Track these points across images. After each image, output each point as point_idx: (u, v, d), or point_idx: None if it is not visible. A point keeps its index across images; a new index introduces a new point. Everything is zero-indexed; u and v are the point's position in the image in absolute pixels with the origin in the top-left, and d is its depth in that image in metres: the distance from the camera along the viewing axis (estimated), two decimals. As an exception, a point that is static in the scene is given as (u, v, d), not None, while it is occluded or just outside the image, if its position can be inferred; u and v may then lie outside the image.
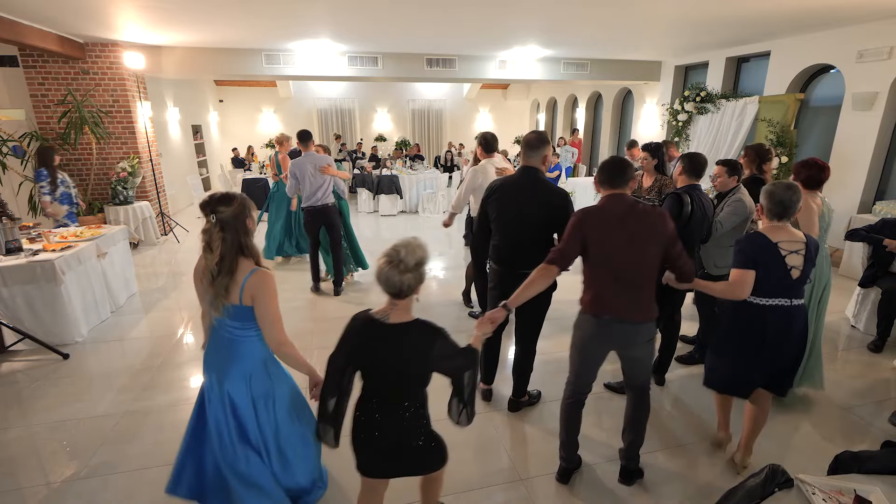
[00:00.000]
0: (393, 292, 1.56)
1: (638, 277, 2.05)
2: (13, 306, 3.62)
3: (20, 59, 6.16)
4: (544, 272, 2.10)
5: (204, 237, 1.76)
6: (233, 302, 1.76)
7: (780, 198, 2.12)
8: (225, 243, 1.71)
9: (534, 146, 2.54)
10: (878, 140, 5.35)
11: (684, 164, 2.91)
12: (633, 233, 2.00)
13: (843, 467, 1.73)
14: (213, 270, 1.73)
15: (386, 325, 1.58)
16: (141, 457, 2.55)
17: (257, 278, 1.75)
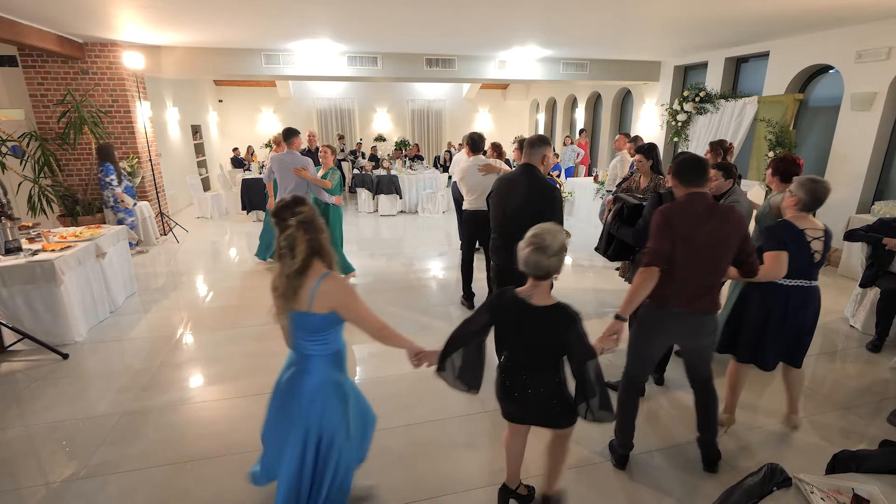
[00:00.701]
0: (540, 275, 1.73)
1: (714, 273, 2.16)
2: (13, 306, 3.62)
3: (19, 58, 6.16)
4: (647, 275, 2.13)
5: (283, 244, 1.69)
6: (300, 308, 1.71)
7: (820, 195, 2.37)
8: (309, 245, 1.69)
9: (535, 145, 2.70)
10: (876, 140, 5.36)
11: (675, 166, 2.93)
12: (716, 231, 2.09)
13: (842, 466, 1.73)
14: (291, 274, 1.67)
15: (530, 306, 1.77)
16: (140, 457, 2.55)
17: (329, 284, 1.71)
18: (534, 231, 1.73)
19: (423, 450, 2.61)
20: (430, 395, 3.14)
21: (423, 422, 2.85)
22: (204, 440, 2.69)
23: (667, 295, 2.16)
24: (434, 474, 2.43)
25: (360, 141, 13.13)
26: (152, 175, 7.22)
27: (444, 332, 1.85)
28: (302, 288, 1.68)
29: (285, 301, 1.70)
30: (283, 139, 4.71)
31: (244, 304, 4.72)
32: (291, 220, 1.67)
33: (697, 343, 2.28)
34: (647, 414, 2.96)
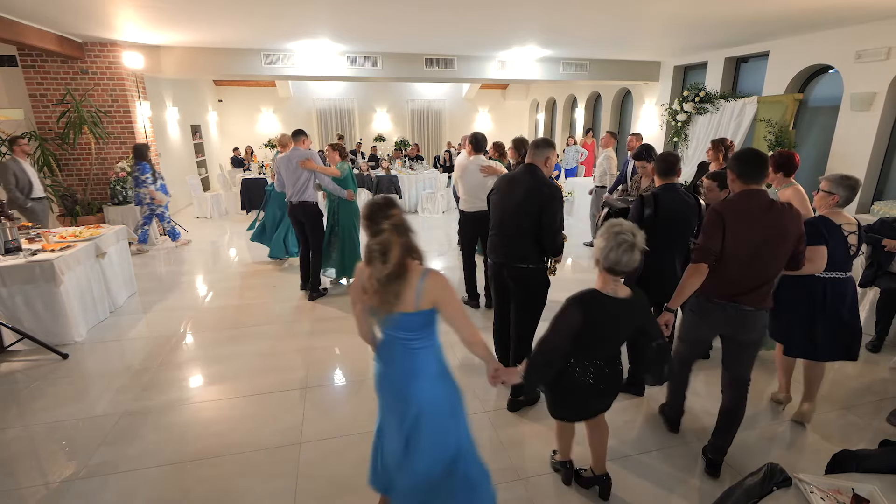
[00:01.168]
0: (626, 270, 1.79)
1: (767, 270, 2.18)
2: (12, 306, 3.62)
3: (19, 58, 6.15)
4: (696, 270, 2.20)
5: (376, 248, 1.64)
6: (406, 309, 1.67)
7: (855, 188, 2.54)
8: (403, 248, 1.64)
9: (539, 146, 2.74)
10: (876, 140, 5.36)
11: (656, 166, 2.99)
12: (770, 230, 2.12)
13: (841, 466, 1.73)
14: (383, 279, 1.62)
15: (618, 300, 1.86)
16: (140, 457, 2.55)
17: (434, 279, 1.68)
18: (616, 229, 1.77)
19: (423, 450, 2.61)
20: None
21: (422, 422, 2.85)
22: (204, 440, 2.69)
23: (716, 289, 2.23)
24: (434, 474, 2.42)
25: (360, 141, 13.13)
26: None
27: (444, 332, 1.83)
28: (404, 290, 1.64)
29: (384, 304, 1.65)
30: (292, 137, 4.72)
31: (244, 304, 4.72)
32: (385, 223, 1.63)
33: (744, 337, 2.28)
34: (647, 414, 2.96)
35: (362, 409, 2.99)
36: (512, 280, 2.79)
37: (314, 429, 2.78)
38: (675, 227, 2.84)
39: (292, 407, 3.00)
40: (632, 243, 1.75)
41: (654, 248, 2.69)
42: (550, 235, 2.65)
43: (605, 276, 1.86)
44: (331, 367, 3.55)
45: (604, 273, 1.85)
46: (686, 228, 2.89)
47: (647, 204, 2.84)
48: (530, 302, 2.80)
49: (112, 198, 6.55)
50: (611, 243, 1.76)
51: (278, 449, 2.61)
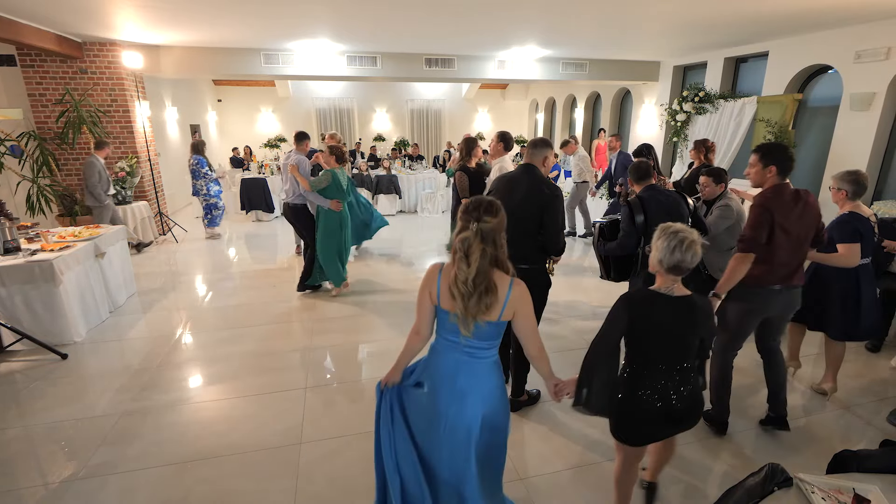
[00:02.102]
0: (683, 269, 1.80)
1: (802, 250, 2.49)
2: (11, 306, 3.61)
3: (18, 58, 6.14)
4: (743, 260, 2.39)
5: (461, 245, 1.59)
6: (491, 319, 1.62)
7: (864, 182, 2.83)
8: (484, 256, 1.57)
9: (537, 146, 2.75)
10: (875, 140, 5.37)
11: (631, 175, 3.06)
12: (803, 214, 2.43)
13: (842, 466, 1.73)
14: (470, 286, 1.57)
15: (675, 298, 1.82)
16: (140, 457, 2.55)
17: (520, 291, 1.65)
18: (673, 230, 1.81)
19: (424, 450, 2.61)
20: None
21: (423, 422, 2.85)
22: (204, 440, 2.68)
23: (765, 275, 2.44)
24: (434, 474, 2.42)
25: (360, 141, 13.12)
26: (151, 175, 7.22)
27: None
28: (494, 303, 1.60)
29: (469, 314, 1.59)
30: (295, 140, 4.77)
31: (243, 303, 4.72)
32: (473, 224, 1.59)
33: (788, 314, 2.63)
34: (647, 414, 2.96)
35: (362, 409, 2.99)
36: None
37: (314, 429, 2.78)
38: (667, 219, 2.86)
39: (292, 407, 3.00)
40: (692, 240, 1.79)
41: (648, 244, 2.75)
42: (552, 235, 2.64)
43: (664, 277, 1.84)
44: (331, 367, 3.54)
45: (664, 274, 1.83)
46: (680, 220, 2.89)
47: (635, 210, 2.88)
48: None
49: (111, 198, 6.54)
50: (672, 243, 1.78)
51: (278, 449, 2.61)
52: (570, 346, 3.80)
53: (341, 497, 2.29)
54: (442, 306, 1.67)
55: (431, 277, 1.69)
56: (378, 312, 4.50)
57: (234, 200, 9.27)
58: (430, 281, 1.69)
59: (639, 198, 2.92)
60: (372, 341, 3.93)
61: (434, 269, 1.70)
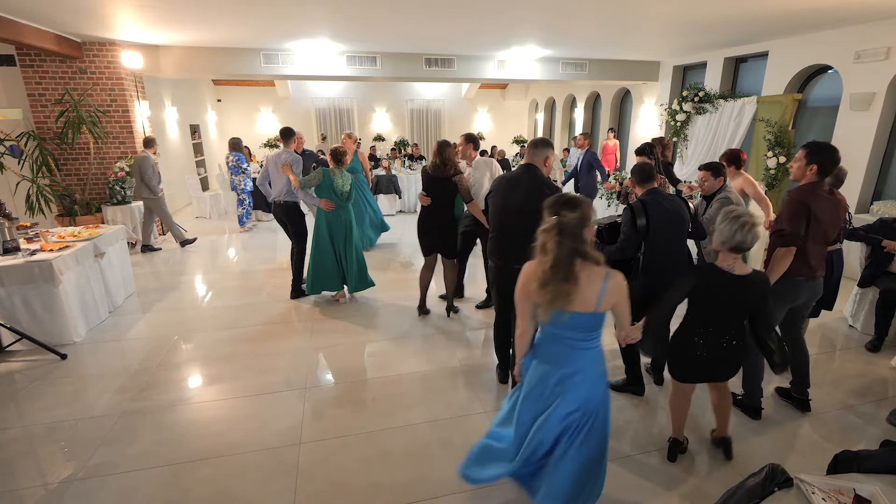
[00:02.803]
0: (744, 248, 2.07)
1: (829, 244, 2.69)
2: (11, 306, 3.61)
3: (17, 58, 6.13)
4: (787, 253, 2.54)
5: (540, 238, 1.70)
6: (585, 309, 1.69)
7: (842, 176, 3.24)
8: (560, 248, 1.66)
9: (538, 146, 2.75)
10: (875, 140, 5.37)
11: (634, 178, 2.98)
12: (834, 209, 2.64)
13: (843, 467, 1.73)
14: (547, 274, 1.66)
15: (735, 276, 2.11)
16: (139, 457, 2.54)
17: (616, 282, 1.72)
18: (736, 214, 2.07)
19: (424, 450, 2.61)
20: (430, 395, 3.14)
21: (423, 422, 2.84)
22: (203, 440, 2.68)
23: (803, 268, 2.61)
24: (434, 474, 2.42)
25: (360, 140, 13.11)
26: (151, 175, 7.20)
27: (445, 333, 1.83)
28: (576, 291, 1.66)
29: (551, 303, 1.68)
30: (282, 137, 4.71)
31: (243, 303, 4.71)
32: (553, 217, 1.68)
33: (811, 302, 2.81)
34: (644, 415, 2.96)
35: (362, 410, 2.99)
36: (514, 282, 2.77)
37: (314, 429, 2.78)
38: (669, 227, 2.84)
39: (292, 407, 2.99)
40: (753, 223, 2.04)
41: (653, 252, 2.74)
42: None
43: (726, 255, 2.12)
44: (331, 367, 3.54)
45: (726, 252, 2.11)
46: (682, 224, 2.88)
47: (637, 214, 2.83)
48: None
49: (111, 197, 6.53)
50: (735, 226, 2.04)
51: (278, 449, 2.60)
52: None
53: (341, 497, 2.29)
54: (535, 299, 1.76)
55: (528, 276, 1.76)
56: (378, 312, 4.49)
57: (234, 200, 9.27)
58: (528, 280, 1.77)
59: (641, 201, 2.87)
60: (372, 341, 3.92)
61: (531, 266, 1.79)
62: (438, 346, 3.79)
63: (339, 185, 4.35)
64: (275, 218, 4.88)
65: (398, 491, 2.31)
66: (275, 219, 4.90)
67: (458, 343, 3.83)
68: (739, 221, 2.03)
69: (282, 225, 4.85)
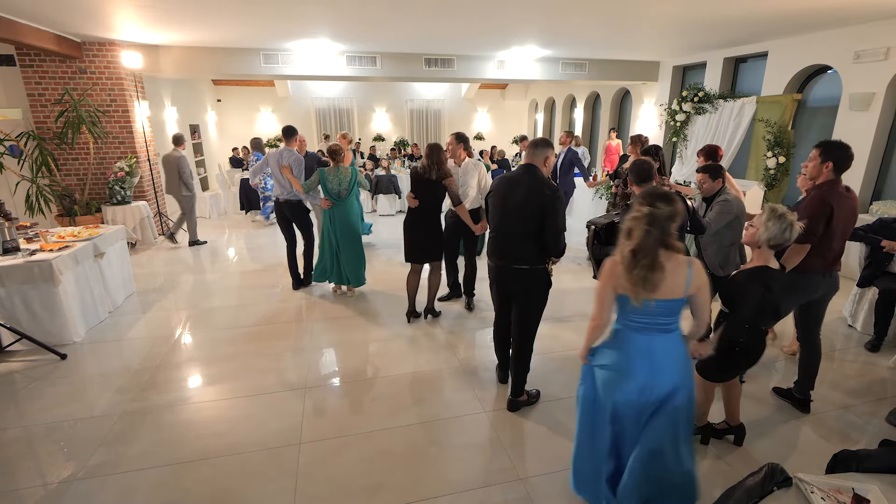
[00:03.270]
0: (784, 245, 2.23)
1: (846, 239, 2.77)
2: (10, 306, 3.61)
3: (17, 58, 6.13)
4: (801, 249, 2.64)
5: (626, 224, 1.77)
6: (674, 296, 1.78)
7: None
8: (647, 236, 1.72)
9: (538, 146, 2.74)
10: (874, 140, 5.37)
11: (632, 177, 3.00)
12: (852, 207, 2.72)
13: (842, 466, 1.73)
14: (630, 259, 1.74)
15: (776, 271, 2.28)
16: (139, 457, 2.54)
17: (699, 268, 1.83)
18: (780, 213, 2.19)
19: (423, 450, 2.61)
20: (429, 395, 3.14)
21: (422, 422, 2.85)
22: (203, 440, 2.68)
23: (816, 262, 2.69)
24: (434, 475, 2.43)
25: (360, 141, 13.12)
26: (150, 175, 7.21)
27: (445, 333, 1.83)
28: (665, 277, 1.74)
29: (636, 290, 1.75)
30: (284, 136, 4.78)
31: (243, 303, 4.71)
32: (644, 207, 1.75)
33: (829, 296, 2.84)
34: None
35: (362, 409, 2.99)
36: (514, 281, 2.77)
37: (314, 429, 2.78)
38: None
39: (292, 407, 2.99)
40: (792, 222, 2.17)
41: None
42: (554, 236, 2.63)
43: (767, 254, 2.25)
44: (331, 367, 3.54)
45: (766, 251, 2.25)
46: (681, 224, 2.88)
47: None
48: (532, 303, 2.79)
49: (111, 198, 6.53)
50: (784, 225, 2.17)
51: (278, 449, 2.61)
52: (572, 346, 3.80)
53: (341, 497, 2.29)
54: (623, 291, 1.81)
55: (613, 269, 1.82)
56: (378, 312, 4.50)
57: (234, 200, 9.28)
58: (612, 272, 1.82)
59: None
60: (372, 341, 3.92)
61: (613, 262, 1.83)
62: (438, 346, 3.79)
63: (332, 185, 4.53)
64: (277, 214, 4.92)
65: (398, 491, 2.32)
66: (280, 217, 4.91)
67: (457, 343, 3.83)
68: (786, 221, 2.17)
69: (284, 222, 4.90)
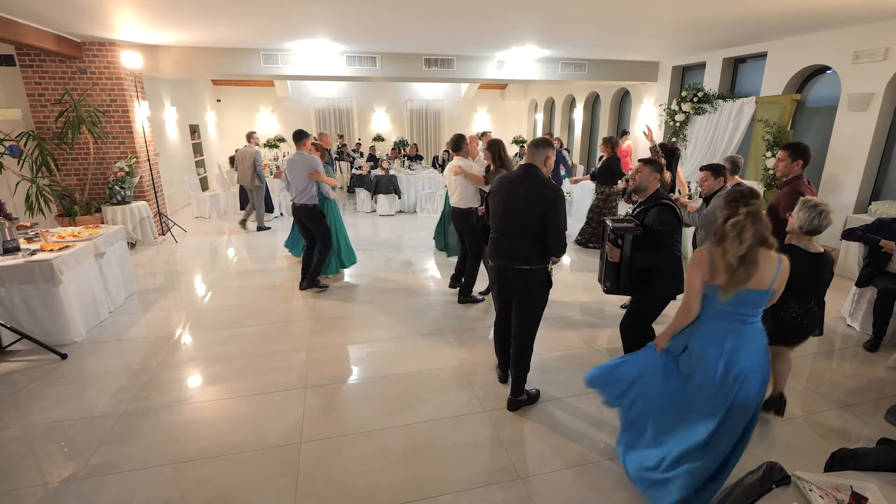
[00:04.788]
0: (818, 231, 2.45)
1: None
2: (11, 306, 3.61)
3: (17, 58, 6.13)
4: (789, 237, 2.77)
5: (733, 228, 1.88)
6: (761, 287, 1.91)
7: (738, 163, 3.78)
8: (755, 235, 1.86)
9: (538, 146, 2.73)
10: (873, 140, 5.38)
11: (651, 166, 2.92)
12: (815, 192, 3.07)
13: (840, 464, 1.74)
14: (737, 261, 1.85)
15: (811, 254, 2.52)
16: (139, 457, 2.55)
17: (787, 264, 1.95)
18: (813, 203, 2.45)
19: (423, 450, 2.61)
20: (429, 394, 3.15)
21: (422, 422, 2.85)
22: (203, 440, 2.68)
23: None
24: (434, 474, 2.43)
25: (360, 141, 13.12)
26: (150, 175, 7.21)
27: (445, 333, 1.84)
28: (758, 271, 1.87)
29: (734, 283, 1.88)
30: (296, 140, 4.80)
31: (243, 303, 4.72)
32: (742, 209, 1.88)
33: None
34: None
35: (362, 409, 2.99)
36: (515, 282, 2.77)
37: (314, 429, 2.78)
38: (681, 228, 2.85)
39: (292, 406, 3.00)
40: (827, 211, 2.38)
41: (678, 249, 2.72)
42: (555, 236, 2.62)
43: (801, 237, 2.52)
44: (331, 367, 3.54)
45: (801, 236, 2.51)
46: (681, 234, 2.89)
47: (678, 211, 2.76)
48: (533, 302, 2.79)
49: (110, 198, 6.53)
50: (813, 213, 2.41)
51: (278, 449, 2.61)
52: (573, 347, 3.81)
53: (341, 496, 2.30)
54: (713, 282, 1.93)
55: (703, 260, 1.95)
56: (377, 312, 4.50)
57: (234, 200, 9.28)
58: (701, 263, 1.96)
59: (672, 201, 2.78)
60: (371, 340, 3.93)
61: (702, 253, 1.97)
62: (438, 346, 3.79)
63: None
64: (295, 218, 4.98)
65: (398, 490, 2.32)
66: (298, 221, 4.96)
67: (458, 343, 3.84)
68: (817, 209, 2.40)
69: (301, 226, 4.94)
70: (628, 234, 2.69)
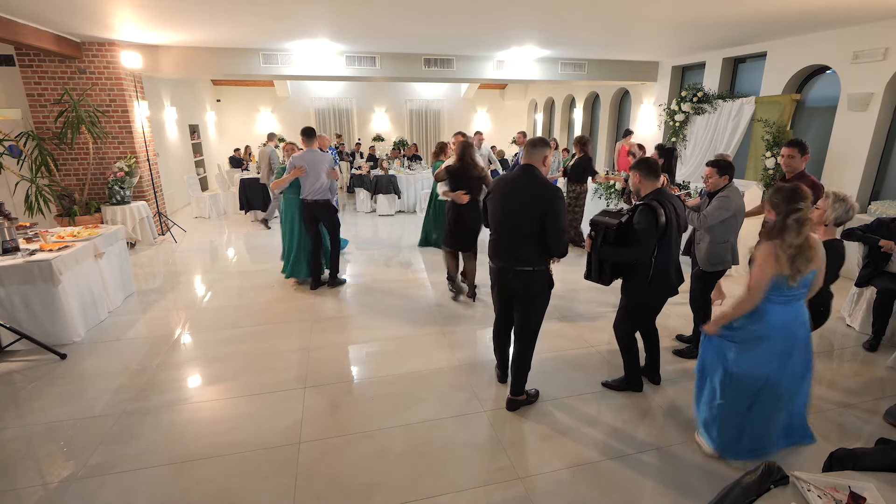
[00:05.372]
0: (842, 221, 2.74)
1: None
2: (10, 306, 3.61)
3: (16, 58, 6.13)
4: None
5: (795, 222, 2.13)
6: (818, 266, 2.23)
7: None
8: (810, 227, 2.19)
9: (536, 146, 2.72)
10: (873, 140, 5.38)
11: (641, 172, 2.83)
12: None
13: (839, 464, 1.74)
14: (795, 248, 2.13)
15: (825, 241, 2.58)
16: (138, 457, 2.55)
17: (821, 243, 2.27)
18: (842, 197, 2.70)
19: (423, 450, 2.62)
20: (429, 394, 3.15)
21: (422, 422, 2.85)
22: (203, 440, 2.69)
23: None
24: (433, 474, 2.43)
25: (359, 141, 13.12)
26: (150, 175, 7.21)
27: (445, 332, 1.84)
28: (814, 256, 2.18)
29: (796, 269, 2.15)
30: (309, 137, 4.88)
31: (242, 303, 4.72)
32: (801, 204, 2.15)
33: None
34: (643, 413, 2.97)
35: (362, 409, 2.99)
36: (516, 283, 2.76)
37: (314, 428, 2.79)
38: (676, 226, 2.84)
39: (291, 406, 3.00)
40: (852, 205, 2.65)
41: (662, 252, 2.72)
42: (555, 236, 2.61)
43: (828, 229, 2.76)
44: (330, 367, 3.54)
45: (832, 227, 2.76)
46: (679, 222, 2.88)
47: (658, 214, 2.69)
48: (534, 303, 2.78)
49: (110, 198, 6.53)
50: (846, 206, 2.68)
51: (278, 449, 2.61)
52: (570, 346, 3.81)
53: (341, 496, 2.30)
54: (783, 272, 2.17)
55: (771, 255, 2.17)
56: (377, 312, 4.50)
57: (233, 200, 9.28)
58: (771, 256, 2.17)
59: (657, 200, 2.74)
60: (371, 340, 3.93)
61: (769, 249, 2.18)
62: (438, 345, 3.80)
63: None
64: (306, 213, 4.92)
65: (397, 490, 2.32)
66: (310, 219, 4.92)
67: (457, 343, 3.84)
68: (847, 204, 2.67)
69: (311, 223, 4.93)
70: (600, 227, 2.82)
